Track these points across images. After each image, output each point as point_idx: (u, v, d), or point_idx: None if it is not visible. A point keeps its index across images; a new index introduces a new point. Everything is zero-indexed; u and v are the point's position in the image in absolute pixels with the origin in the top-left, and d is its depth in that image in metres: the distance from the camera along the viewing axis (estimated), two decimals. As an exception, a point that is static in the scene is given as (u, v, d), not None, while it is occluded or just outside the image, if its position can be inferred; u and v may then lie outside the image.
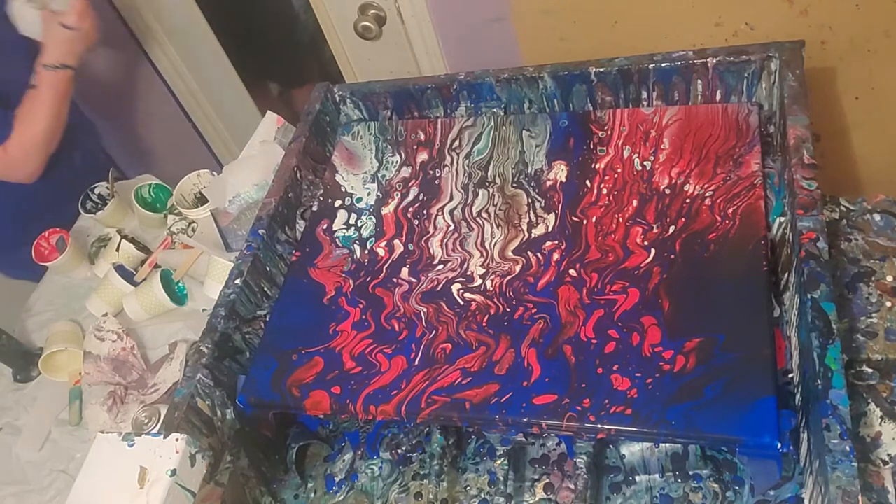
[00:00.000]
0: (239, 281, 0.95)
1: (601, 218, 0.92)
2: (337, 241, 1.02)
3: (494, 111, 1.10)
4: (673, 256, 0.85)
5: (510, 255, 0.92)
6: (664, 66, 0.98)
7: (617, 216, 0.91)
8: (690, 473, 0.81)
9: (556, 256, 0.89)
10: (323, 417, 0.97)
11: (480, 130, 1.07)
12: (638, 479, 0.83)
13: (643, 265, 0.85)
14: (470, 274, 0.92)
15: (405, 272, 0.94)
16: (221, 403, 0.88)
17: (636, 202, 0.92)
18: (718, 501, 0.79)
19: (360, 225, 1.03)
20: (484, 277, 0.90)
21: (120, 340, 1.22)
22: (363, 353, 0.87)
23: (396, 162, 1.09)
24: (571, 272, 0.87)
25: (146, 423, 1.09)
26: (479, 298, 0.88)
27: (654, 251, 0.86)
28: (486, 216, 0.97)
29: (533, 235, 0.93)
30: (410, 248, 0.97)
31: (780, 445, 0.68)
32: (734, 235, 0.84)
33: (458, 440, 0.90)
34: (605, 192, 0.94)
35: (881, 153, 1.25)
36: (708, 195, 0.89)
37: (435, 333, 0.86)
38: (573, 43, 1.28)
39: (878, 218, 0.95)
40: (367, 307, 0.92)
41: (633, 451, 0.82)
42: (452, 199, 1.01)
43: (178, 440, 0.75)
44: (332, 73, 1.63)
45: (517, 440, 0.88)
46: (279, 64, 2.30)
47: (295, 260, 1.02)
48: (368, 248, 0.99)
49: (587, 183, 0.96)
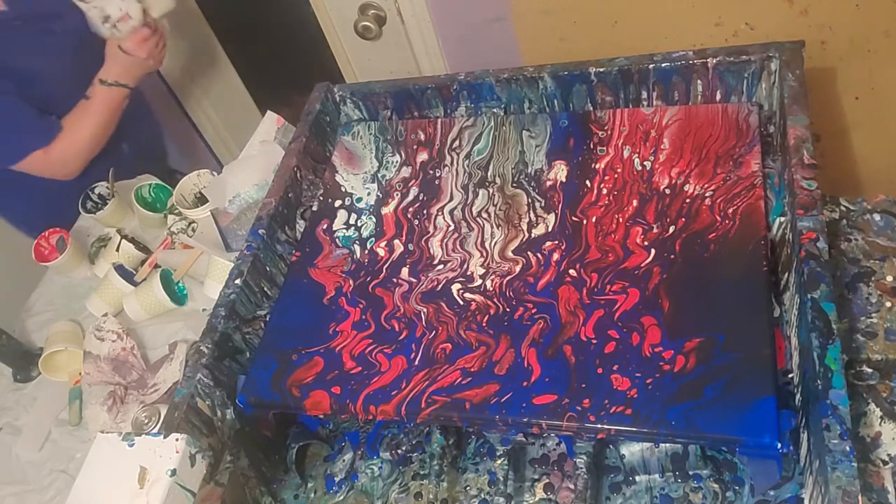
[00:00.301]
0: (239, 281, 0.95)
1: (601, 218, 0.92)
2: (337, 241, 1.02)
3: (494, 111, 1.10)
4: (673, 256, 0.85)
5: (510, 255, 0.92)
6: (664, 66, 0.98)
7: (617, 216, 0.91)
8: (690, 473, 0.81)
9: (556, 256, 0.89)
10: (323, 417, 0.97)
11: (480, 130, 1.07)
12: (638, 479, 0.83)
13: (643, 265, 0.85)
14: (470, 274, 0.91)
15: (405, 272, 0.94)
16: (221, 403, 0.88)
17: (636, 202, 0.92)
18: (718, 501, 0.78)
19: (360, 225, 1.03)
20: (484, 277, 0.90)
21: (120, 340, 1.22)
22: (363, 353, 0.87)
23: (396, 162, 1.09)
24: (571, 272, 0.87)
25: (146, 423, 1.09)
26: (479, 298, 0.88)
27: (654, 251, 0.86)
28: (486, 216, 0.97)
29: (533, 235, 0.93)
30: (410, 248, 0.97)
31: (780, 445, 0.68)
32: (734, 235, 0.84)
33: (458, 440, 0.90)
34: (605, 192, 0.94)
35: (881, 153, 1.25)
36: (708, 195, 0.89)
37: (435, 333, 0.86)
38: (573, 43, 1.28)
39: (878, 218, 0.95)
40: (367, 307, 0.92)
41: (633, 451, 0.81)
42: (452, 199, 1.01)
43: (178, 440, 0.75)
44: (332, 72, 1.63)
45: (517, 440, 0.88)
46: (279, 64, 2.30)
47: (295, 260, 1.02)
48: (368, 248, 0.99)
49: (587, 183, 0.96)
